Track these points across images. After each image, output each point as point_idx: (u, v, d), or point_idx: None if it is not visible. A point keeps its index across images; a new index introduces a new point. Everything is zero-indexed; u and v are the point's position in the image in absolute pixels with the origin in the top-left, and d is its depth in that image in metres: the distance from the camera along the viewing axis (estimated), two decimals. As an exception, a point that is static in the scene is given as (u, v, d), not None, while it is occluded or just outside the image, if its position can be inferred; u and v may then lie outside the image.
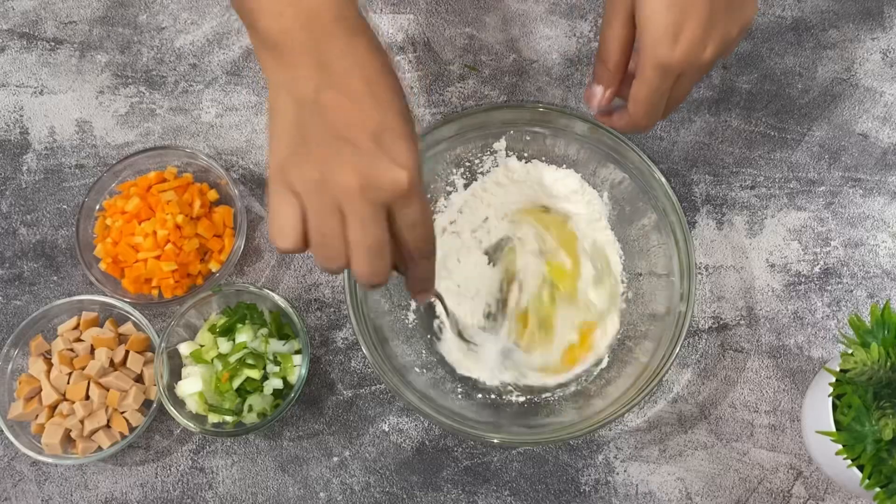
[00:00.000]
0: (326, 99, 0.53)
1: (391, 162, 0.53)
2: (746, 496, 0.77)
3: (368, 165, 0.52)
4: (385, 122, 0.53)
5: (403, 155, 0.53)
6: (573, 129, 0.77)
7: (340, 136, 0.53)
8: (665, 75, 0.61)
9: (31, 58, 0.89)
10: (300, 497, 0.77)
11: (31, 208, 0.85)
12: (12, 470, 0.79)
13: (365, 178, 0.52)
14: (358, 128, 0.53)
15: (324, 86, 0.53)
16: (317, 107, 0.53)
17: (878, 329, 0.65)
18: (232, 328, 0.77)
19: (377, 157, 0.52)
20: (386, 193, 0.53)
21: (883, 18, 0.88)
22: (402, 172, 0.53)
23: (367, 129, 0.53)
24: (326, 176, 0.53)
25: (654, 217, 0.76)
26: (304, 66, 0.53)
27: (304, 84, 0.53)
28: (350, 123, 0.53)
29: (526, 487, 0.77)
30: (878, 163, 0.84)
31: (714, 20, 0.60)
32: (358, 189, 0.52)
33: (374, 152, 0.52)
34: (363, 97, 0.53)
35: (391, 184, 0.53)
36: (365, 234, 0.54)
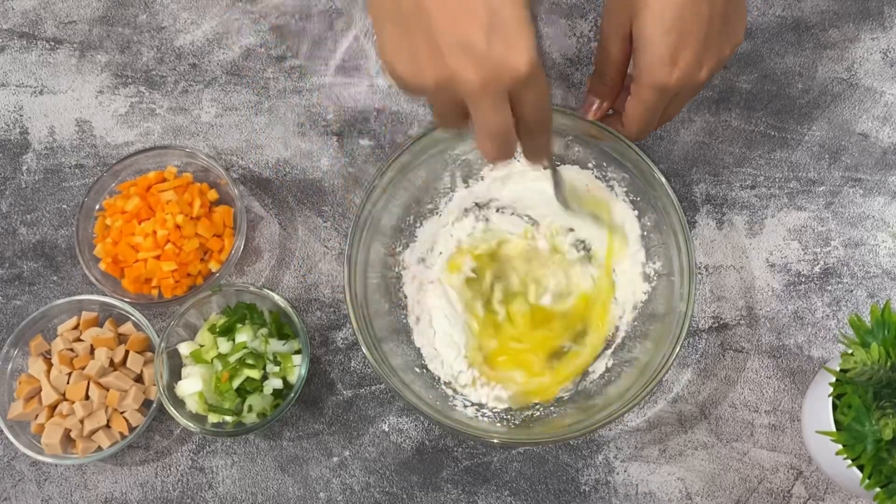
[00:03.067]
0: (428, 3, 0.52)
1: (508, 52, 0.53)
2: (746, 496, 0.77)
3: (486, 62, 0.52)
4: (494, 9, 0.52)
5: (518, 41, 0.53)
6: (573, 129, 0.76)
7: (451, 38, 0.52)
8: (662, 96, 0.64)
9: (31, 58, 0.89)
10: (300, 497, 0.77)
11: (30, 208, 0.85)
12: (12, 470, 0.79)
13: (484, 75, 0.53)
14: (467, 25, 0.52)
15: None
16: (419, 9, 0.52)
17: (878, 329, 0.65)
18: (232, 328, 0.77)
19: (492, 52, 0.52)
20: (507, 84, 0.53)
21: (883, 18, 0.88)
22: (521, 61, 0.53)
23: (478, 24, 0.52)
24: (444, 82, 0.53)
25: (654, 217, 0.76)
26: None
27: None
28: (459, 23, 0.52)
29: (526, 487, 0.77)
30: (878, 163, 0.84)
31: (709, 43, 0.63)
32: (480, 86, 0.53)
33: (488, 48, 0.52)
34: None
35: (511, 74, 0.53)
36: (490, 123, 0.55)
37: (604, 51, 0.67)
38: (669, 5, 0.61)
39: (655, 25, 0.62)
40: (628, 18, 0.64)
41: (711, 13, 0.62)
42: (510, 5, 0.53)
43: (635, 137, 0.69)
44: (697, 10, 0.61)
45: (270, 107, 0.87)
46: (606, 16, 0.66)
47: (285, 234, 0.84)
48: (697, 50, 0.62)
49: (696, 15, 0.61)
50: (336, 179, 0.85)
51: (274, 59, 0.88)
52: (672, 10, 0.61)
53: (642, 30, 0.62)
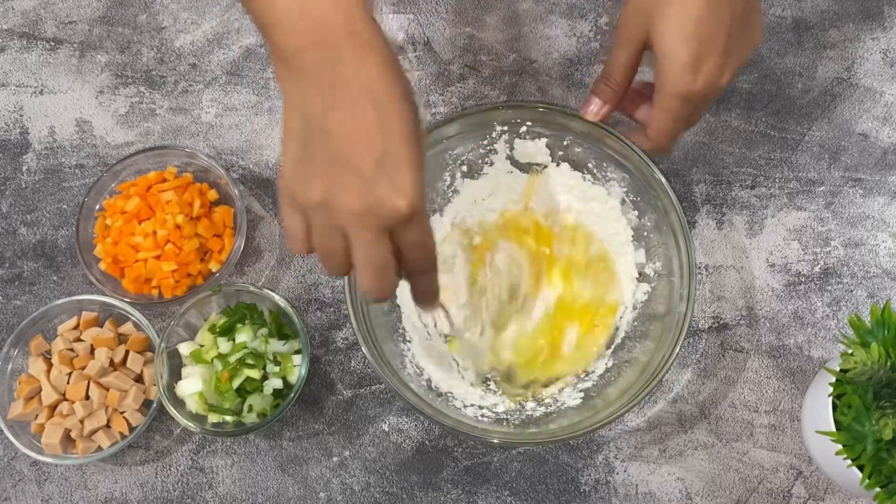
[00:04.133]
0: (333, 121, 0.53)
1: (392, 189, 0.53)
2: (746, 496, 0.77)
3: (370, 192, 0.53)
4: (389, 147, 0.54)
5: (405, 182, 0.54)
6: (573, 129, 0.77)
7: (344, 160, 0.53)
8: (687, 104, 0.64)
9: (31, 58, 0.89)
10: (300, 497, 0.77)
11: (31, 208, 0.85)
12: (12, 470, 0.79)
13: (366, 205, 0.53)
14: (361, 153, 0.53)
15: (331, 107, 0.53)
16: (323, 129, 0.54)
17: (878, 329, 0.65)
18: (232, 328, 0.77)
19: (378, 185, 0.53)
20: (387, 219, 0.54)
21: (883, 18, 0.88)
22: (403, 200, 0.53)
23: (371, 155, 0.53)
24: (329, 199, 0.54)
25: (654, 217, 0.76)
26: (313, 85, 0.54)
27: (312, 103, 0.54)
28: (354, 149, 0.53)
29: (526, 487, 0.77)
30: (878, 163, 0.84)
31: (730, 48, 0.63)
32: (360, 214, 0.54)
33: (375, 179, 0.53)
34: (369, 121, 0.53)
35: (391, 210, 0.54)
36: (368, 256, 0.56)
37: (614, 57, 0.68)
38: (689, 13, 0.61)
39: (676, 34, 0.62)
40: (644, 28, 0.64)
41: (732, 18, 0.62)
42: (404, 147, 0.54)
43: (665, 149, 0.68)
44: (718, 16, 0.61)
45: (270, 107, 0.87)
46: (621, 23, 0.66)
47: (285, 234, 0.84)
48: (719, 56, 0.62)
49: (716, 21, 0.62)
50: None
51: (274, 59, 0.88)
52: (692, 18, 0.61)
53: (663, 39, 0.63)
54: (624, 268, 0.79)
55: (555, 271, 0.80)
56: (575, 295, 0.79)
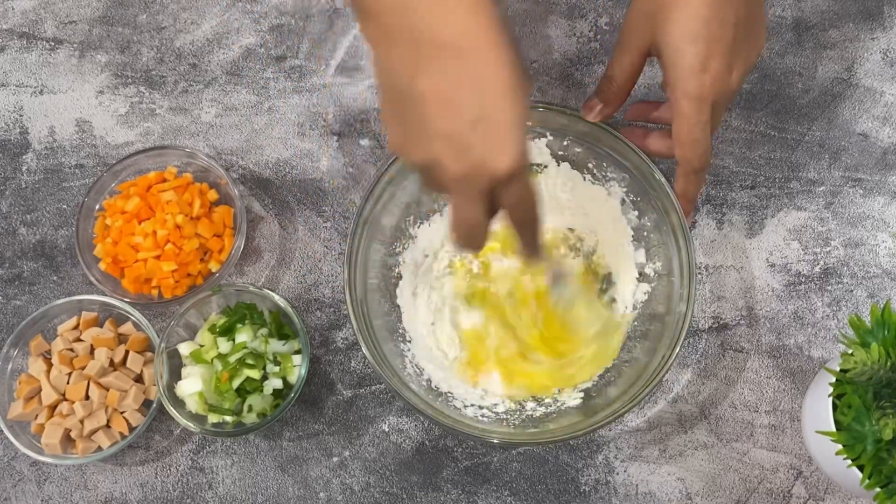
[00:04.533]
0: (421, 87, 0.52)
1: (489, 151, 0.52)
2: (746, 496, 0.77)
3: (466, 157, 0.52)
4: (484, 107, 0.52)
5: (503, 143, 0.52)
6: (573, 129, 0.77)
7: (436, 127, 0.52)
8: (700, 106, 0.64)
9: (31, 58, 0.89)
10: (300, 497, 0.77)
11: (30, 208, 0.85)
12: (12, 470, 0.79)
13: (463, 169, 0.53)
14: (453, 118, 0.52)
15: (419, 68, 0.51)
16: (412, 94, 0.52)
17: (878, 329, 0.65)
18: (232, 328, 0.77)
19: (474, 148, 0.52)
20: (484, 181, 0.53)
21: (883, 18, 0.88)
22: (501, 161, 0.52)
23: (465, 119, 0.52)
24: (427, 164, 0.54)
25: (654, 217, 0.76)
26: (398, 47, 0.52)
27: (399, 68, 0.52)
28: (446, 114, 0.52)
29: (526, 487, 0.77)
30: (878, 163, 0.84)
31: (736, 48, 0.63)
32: (457, 178, 0.53)
33: (471, 143, 0.52)
34: (459, 82, 0.51)
35: (489, 173, 0.53)
36: (462, 214, 0.56)
37: (618, 58, 0.68)
38: (695, 15, 0.61)
39: (683, 36, 0.62)
40: (650, 32, 0.64)
41: (736, 19, 0.62)
42: (501, 102, 0.52)
43: (698, 165, 0.67)
44: (723, 17, 0.62)
45: (270, 107, 0.87)
46: (626, 27, 0.66)
47: (285, 234, 0.84)
48: (726, 56, 0.63)
49: (721, 21, 0.62)
50: (336, 179, 0.85)
51: (274, 59, 0.88)
52: (698, 19, 0.61)
53: (669, 41, 0.63)
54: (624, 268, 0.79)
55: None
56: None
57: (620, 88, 0.69)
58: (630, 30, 0.66)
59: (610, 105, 0.71)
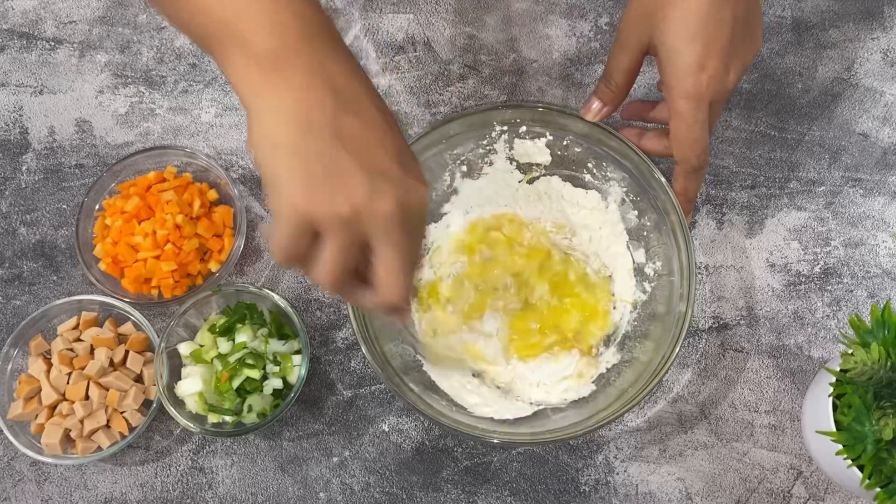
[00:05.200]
0: (346, 127, 0.51)
1: (417, 182, 0.53)
2: (746, 496, 0.77)
3: (401, 192, 0.52)
4: (399, 144, 0.53)
5: (419, 172, 0.54)
6: (573, 129, 0.77)
7: (370, 166, 0.51)
8: (698, 105, 0.64)
9: (31, 57, 0.89)
10: (300, 497, 0.77)
11: (30, 208, 0.85)
12: (12, 470, 0.79)
13: (401, 205, 0.52)
14: (384, 155, 0.52)
15: (340, 112, 0.51)
16: (336, 135, 0.51)
17: (878, 329, 0.65)
18: (232, 328, 0.77)
19: (405, 181, 0.52)
20: (418, 214, 0.54)
21: (883, 18, 0.88)
22: (424, 190, 0.53)
23: (392, 155, 0.52)
24: (361, 210, 0.51)
25: (654, 217, 0.76)
26: (315, 89, 0.51)
27: (317, 110, 0.51)
28: (376, 152, 0.52)
29: (526, 487, 0.77)
30: (878, 163, 0.84)
31: (734, 48, 0.64)
32: (396, 216, 0.52)
33: (402, 176, 0.52)
34: (379, 121, 0.53)
35: (420, 203, 0.53)
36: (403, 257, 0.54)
37: (615, 59, 0.68)
38: (692, 14, 0.62)
39: (680, 35, 0.62)
40: (648, 31, 0.64)
41: (734, 19, 0.63)
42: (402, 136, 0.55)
43: (695, 162, 0.67)
44: (720, 17, 0.62)
45: (270, 107, 0.87)
46: (624, 27, 0.66)
47: (285, 234, 0.84)
48: (723, 55, 0.63)
49: (719, 21, 0.62)
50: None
51: (274, 59, 0.88)
52: (695, 19, 0.62)
53: (666, 41, 0.63)
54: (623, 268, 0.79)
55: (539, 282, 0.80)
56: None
57: (619, 88, 0.70)
58: (627, 29, 0.66)
59: (609, 105, 0.71)
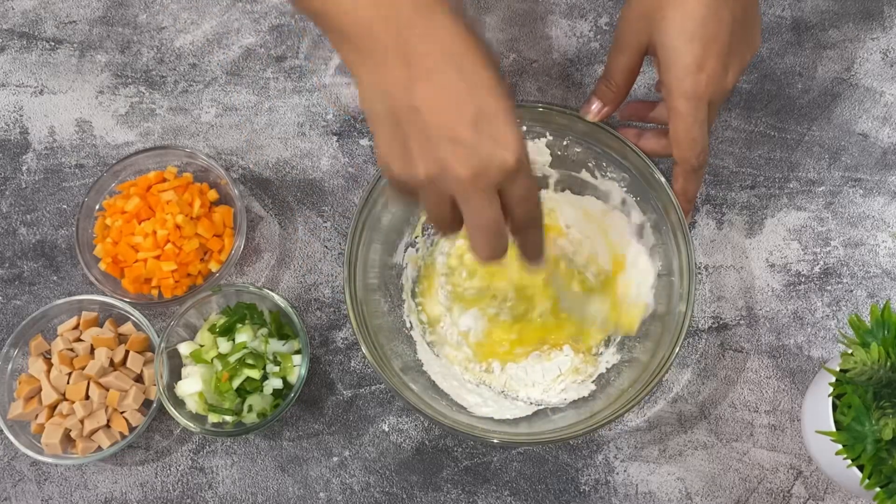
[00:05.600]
0: (418, 97, 0.53)
1: (495, 146, 0.53)
2: (746, 496, 0.77)
3: (474, 156, 0.53)
4: (481, 106, 0.53)
5: (505, 135, 0.53)
6: (573, 129, 0.76)
7: (440, 132, 0.53)
8: (697, 105, 0.64)
9: (31, 58, 0.89)
10: (300, 497, 0.77)
11: (31, 208, 0.85)
12: (12, 470, 0.79)
13: (473, 169, 0.53)
14: (456, 120, 0.53)
15: (413, 82, 0.53)
16: (410, 106, 0.53)
17: (878, 329, 0.65)
18: (232, 328, 0.77)
19: (480, 146, 0.53)
20: (496, 177, 0.54)
21: (883, 18, 0.88)
22: (508, 154, 0.53)
23: (465, 120, 0.53)
24: (434, 175, 0.54)
25: (654, 217, 0.76)
26: (389, 63, 0.53)
27: (393, 83, 0.53)
28: (447, 118, 0.53)
29: (526, 487, 0.77)
30: (878, 163, 0.84)
31: (732, 48, 0.64)
32: (469, 180, 0.53)
33: (476, 142, 0.53)
34: (454, 86, 0.53)
35: (499, 167, 0.53)
36: (481, 218, 0.55)
37: (615, 59, 0.68)
38: (691, 14, 0.62)
39: (679, 35, 0.62)
40: (647, 31, 0.64)
41: (732, 19, 0.63)
42: (495, 100, 0.54)
43: (694, 162, 0.68)
44: (719, 17, 0.62)
45: (270, 107, 0.87)
46: (622, 27, 0.66)
47: (285, 234, 0.84)
48: (722, 55, 0.63)
49: (717, 21, 0.62)
50: (336, 179, 0.85)
51: (274, 59, 0.88)
52: (694, 19, 0.62)
53: (665, 41, 0.63)
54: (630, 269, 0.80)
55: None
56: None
57: (619, 88, 0.70)
58: (626, 30, 0.66)
59: (609, 105, 0.72)
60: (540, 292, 0.79)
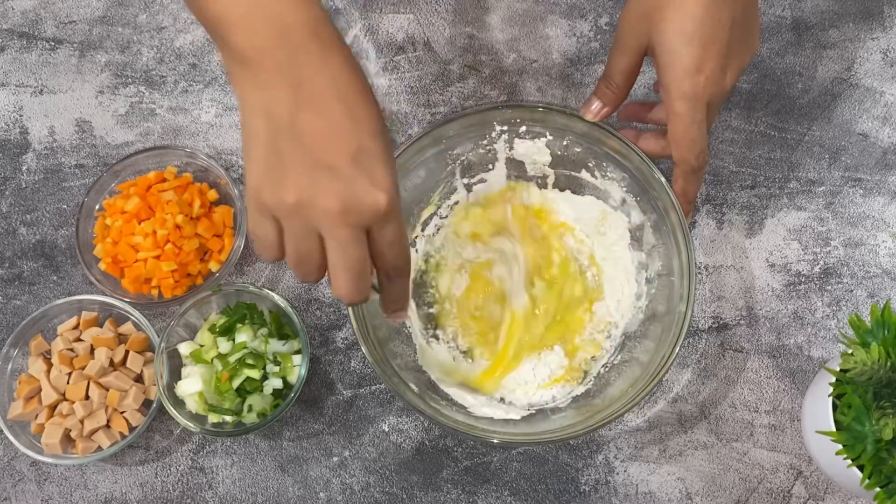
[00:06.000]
0: (303, 122, 0.52)
1: (370, 185, 0.53)
2: (746, 496, 0.77)
3: (348, 189, 0.52)
4: (362, 143, 0.53)
5: (381, 177, 0.53)
6: (573, 129, 0.77)
7: (318, 160, 0.52)
8: (696, 106, 0.64)
9: (31, 58, 0.89)
10: (300, 497, 0.77)
11: (30, 208, 0.85)
12: (12, 470, 0.79)
13: (345, 203, 0.52)
14: (336, 151, 0.53)
15: (299, 107, 0.52)
16: (293, 130, 0.53)
17: (878, 329, 0.65)
18: (232, 328, 0.77)
19: (356, 181, 0.53)
20: (366, 216, 0.53)
21: (883, 18, 0.88)
22: (382, 195, 0.53)
23: (345, 153, 0.53)
24: (304, 201, 0.53)
25: (654, 217, 0.76)
26: (278, 86, 0.53)
27: (278, 105, 0.53)
28: (328, 147, 0.53)
29: (526, 487, 0.77)
30: (878, 163, 0.84)
31: (731, 50, 0.64)
32: (338, 213, 0.53)
33: (352, 176, 0.52)
34: (340, 119, 0.53)
35: (371, 206, 0.53)
36: (345, 256, 0.54)
37: (615, 60, 0.68)
38: (690, 16, 0.62)
39: (678, 36, 0.62)
40: (646, 32, 0.64)
41: (732, 21, 0.63)
42: (376, 142, 0.54)
43: (694, 162, 0.68)
44: (718, 18, 0.62)
45: (270, 107, 0.87)
46: (622, 28, 0.67)
47: (285, 234, 0.84)
48: (721, 57, 0.63)
49: (717, 23, 0.62)
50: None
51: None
52: (693, 21, 0.62)
53: (664, 42, 0.63)
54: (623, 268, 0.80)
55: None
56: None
57: (619, 89, 0.70)
58: (625, 30, 0.66)
59: (609, 105, 0.72)
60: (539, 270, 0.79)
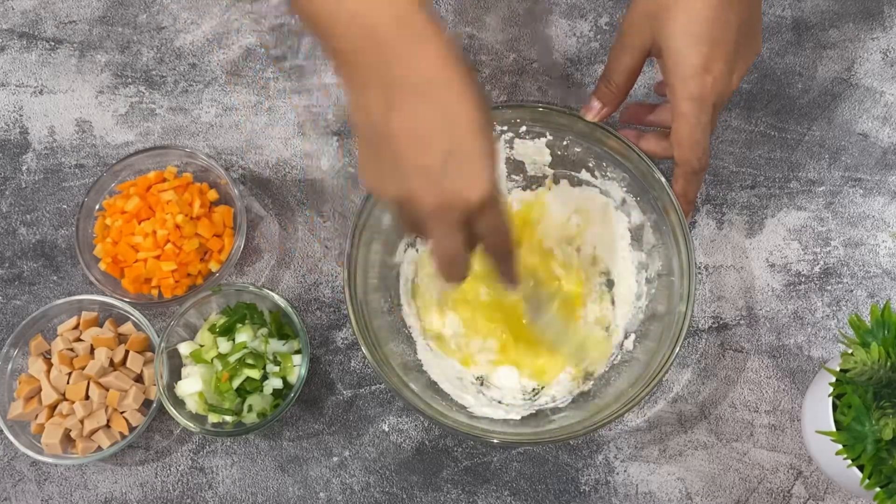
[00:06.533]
0: (394, 124, 0.53)
1: (462, 182, 0.54)
2: (746, 496, 0.77)
3: (439, 188, 0.54)
4: (455, 141, 0.54)
5: (475, 173, 0.54)
6: (573, 129, 0.76)
7: (409, 162, 0.54)
8: (702, 107, 0.64)
9: (31, 57, 0.89)
10: (300, 497, 0.77)
11: (30, 208, 0.85)
12: (12, 470, 0.79)
13: (437, 201, 0.54)
14: (426, 154, 0.53)
15: (391, 108, 0.53)
16: (386, 132, 0.54)
17: (878, 329, 0.65)
18: (232, 328, 0.77)
19: (447, 180, 0.54)
20: (458, 211, 0.55)
21: (883, 18, 0.88)
22: (475, 192, 0.54)
23: (436, 154, 0.53)
24: (402, 197, 0.55)
25: (654, 217, 0.76)
26: (371, 87, 0.54)
27: (373, 106, 0.54)
28: (418, 149, 0.54)
29: (526, 487, 0.77)
30: (878, 163, 0.84)
31: (738, 50, 0.65)
32: (433, 210, 0.55)
33: (443, 175, 0.54)
34: (431, 119, 0.53)
35: (462, 204, 0.54)
36: (441, 246, 0.57)
37: (617, 59, 0.68)
38: (697, 16, 0.62)
39: (685, 37, 0.62)
40: (651, 32, 0.64)
41: (739, 21, 0.63)
42: (471, 137, 0.54)
43: (696, 164, 0.68)
44: (725, 19, 0.62)
45: (270, 107, 0.87)
46: (627, 28, 0.66)
47: (285, 234, 0.84)
48: (728, 58, 0.63)
49: (724, 23, 0.62)
50: (336, 179, 0.85)
51: (274, 60, 0.88)
52: (700, 21, 0.62)
53: (671, 43, 0.63)
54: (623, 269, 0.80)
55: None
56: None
57: (619, 88, 0.70)
58: (630, 30, 0.66)
59: (609, 105, 0.72)
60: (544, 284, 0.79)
